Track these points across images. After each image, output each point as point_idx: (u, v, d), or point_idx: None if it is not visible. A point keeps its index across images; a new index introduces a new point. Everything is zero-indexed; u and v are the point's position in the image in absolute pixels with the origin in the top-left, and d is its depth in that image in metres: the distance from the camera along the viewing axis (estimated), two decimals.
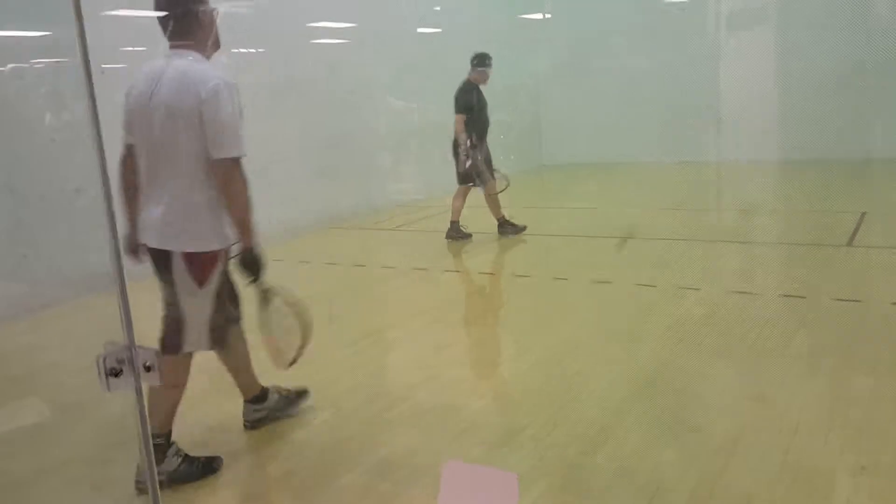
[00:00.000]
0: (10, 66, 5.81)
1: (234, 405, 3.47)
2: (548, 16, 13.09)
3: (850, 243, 6.28)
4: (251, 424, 3.42)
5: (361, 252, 7.69)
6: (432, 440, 3.27)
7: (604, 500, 2.75)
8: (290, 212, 7.72)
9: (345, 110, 8.87)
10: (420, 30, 10.65)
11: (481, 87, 7.17)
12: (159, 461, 2.92)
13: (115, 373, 1.40)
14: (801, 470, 2.78)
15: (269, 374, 3.39)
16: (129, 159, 2.99)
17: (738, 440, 3.05)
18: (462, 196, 7.34)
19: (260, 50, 8.08)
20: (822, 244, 6.45)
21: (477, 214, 7.49)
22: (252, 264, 2.96)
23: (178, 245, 2.85)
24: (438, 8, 10.93)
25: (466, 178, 7.16)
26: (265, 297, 3.07)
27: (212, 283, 2.93)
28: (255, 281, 3.01)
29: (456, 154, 7.11)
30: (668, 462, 2.95)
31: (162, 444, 2.95)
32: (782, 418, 3.22)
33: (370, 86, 9.35)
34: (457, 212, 7.40)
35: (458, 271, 6.92)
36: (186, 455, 3.03)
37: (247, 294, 3.15)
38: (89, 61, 1.42)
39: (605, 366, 4.04)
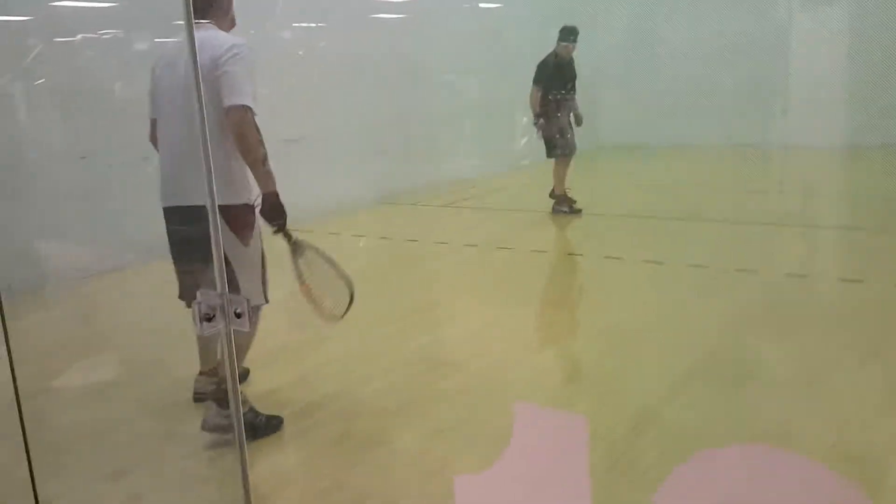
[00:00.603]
0: (80, 35, 6.00)
1: (300, 367, 3.57)
2: None
3: None
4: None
5: (415, 228, 7.77)
6: (483, 411, 3.33)
7: (649, 481, 2.78)
8: (347, 187, 7.83)
9: (403, 86, 8.91)
10: (481, 4, 10.61)
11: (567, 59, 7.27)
12: (226, 405, 2.98)
13: (209, 317, 1.53)
14: (851, 458, 2.76)
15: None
16: (154, 133, 3.20)
17: (789, 425, 3.03)
18: (558, 168, 7.41)
19: (321, 24, 8.17)
20: (884, 230, 6.29)
21: (528, 191, 7.47)
22: (274, 210, 3.02)
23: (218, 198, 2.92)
24: None
25: (551, 149, 7.31)
26: (295, 248, 3.13)
27: (254, 238, 3.05)
28: (280, 227, 3.07)
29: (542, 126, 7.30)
30: (717, 446, 2.95)
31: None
32: (838, 407, 3.19)
33: (429, 61, 9.37)
34: (558, 185, 7.46)
35: (510, 248, 6.95)
36: (252, 407, 3.17)
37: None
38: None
39: (657, 347, 4.04)
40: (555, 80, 7.23)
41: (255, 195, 3.06)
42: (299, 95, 6.95)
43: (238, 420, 1.92)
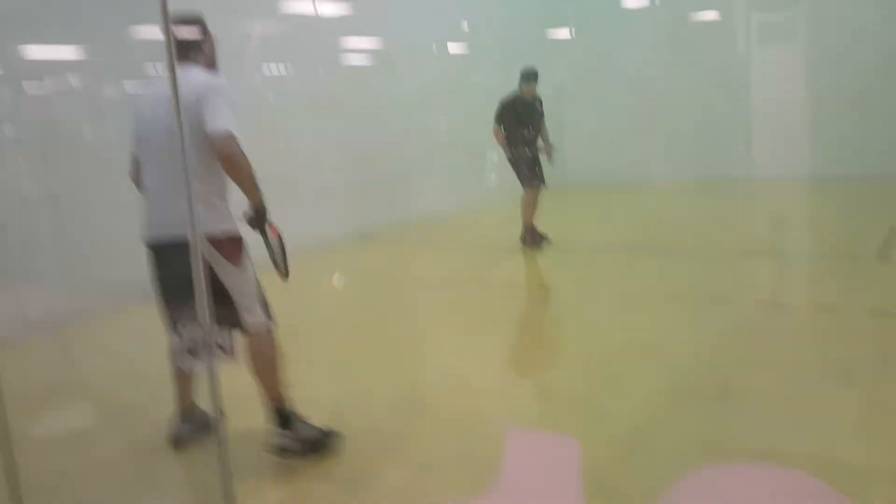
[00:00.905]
0: (49, 82, 5.99)
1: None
2: (573, 32, 13.14)
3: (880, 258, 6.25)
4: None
5: (390, 265, 7.77)
6: (468, 444, 3.30)
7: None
8: (322, 225, 7.83)
9: (374, 127, 8.99)
10: (450, 49, 10.80)
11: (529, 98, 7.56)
12: (288, 425, 3.19)
13: (192, 351, 1.50)
14: (838, 480, 2.78)
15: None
16: (136, 171, 3.26)
17: (772, 453, 3.05)
18: (527, 201, 7.62)
19: (290, 68, 8.25)
20: (853, 258, 6.42)
21: (502, 226, 7.53)
22: (257, 216, 3.10)
23: (204, 228, 2.95)
24: (465, 25, 11.06)
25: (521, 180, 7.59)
26: (266, 239, 3.20)
27: (246, 260, 3.12)
28: (257, 229, 3.14)
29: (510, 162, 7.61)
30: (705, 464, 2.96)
31: (283, 407, 3.20)
32: (819, 432, 3.22)
33: (399, 102, 9.48)
34: (526, 217, 7.65)
35: (485, 283, 6.97)
36: (310, 424, 3.26)
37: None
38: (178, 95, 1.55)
39: (637, 375, 4.06)
40: (516, 118, 7.50)
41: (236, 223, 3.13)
42: (270, 137, 6.97)
43: (222, 458, 1.89)
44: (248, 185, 3.02)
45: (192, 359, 1.60)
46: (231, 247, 3.07)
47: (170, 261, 3.06)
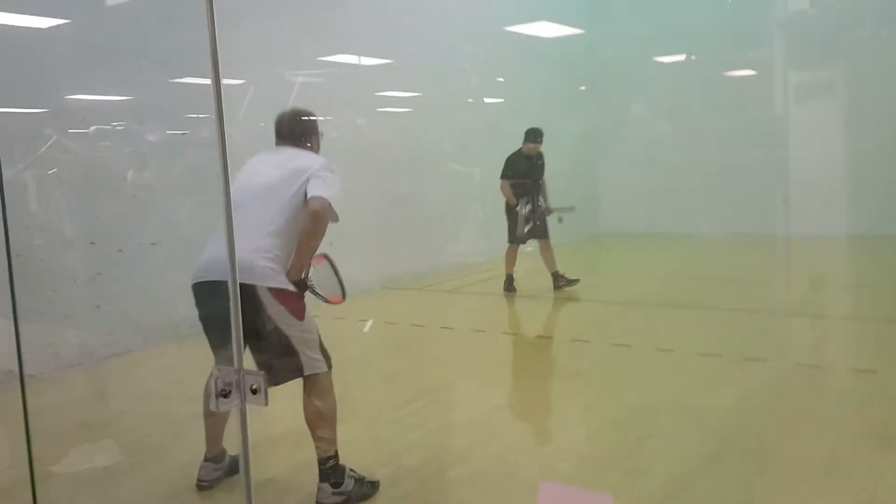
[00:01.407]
0: (93, 127, 6.18)
1: (303, 452, 3.50)
2: (608, 85, 13.23)
3: None
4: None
5: (421, 312, 7.76)
6: (501, 497, 3.24)
7: None
8: (353, 271, 7.84)
9: (409, 174, 9.09)
10: (485, 100, 10.95)
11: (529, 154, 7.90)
12: (339, 483, 3.20)
13: (225, 393, 1.50)
14: None
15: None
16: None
17: None
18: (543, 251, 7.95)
19: (328, 118, 8.42)
20: (890, 318, 6.26)
21: (533, 275, 7.50)
22: (299, 286, 3.23)
23: (270, 281, 3.10)
24: (501, 79, 11.21)
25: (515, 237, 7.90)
26: (310, 287, 3.28)
27: (308, 313, 3.24)
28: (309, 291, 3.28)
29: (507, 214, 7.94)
30: None
31: (336, 464, 3.21)
32: (856, 495, 3.10)
33: (433, 151, 9.59)
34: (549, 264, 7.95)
35: (515, 334, 6.92)
36: (354, 474, 3.28)
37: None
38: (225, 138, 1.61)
39: (668, 436, 3.96)
40: (520, 174, 7.88)
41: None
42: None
43: (249, 502, 1.87)
44: (307, 252, 3.20)
45: (224, 401, 1.60)
46: (297, 303, 3.18)
47: (212, 301, 3.12)
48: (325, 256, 3.39)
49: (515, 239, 7.89)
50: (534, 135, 7.88)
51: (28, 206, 5.79)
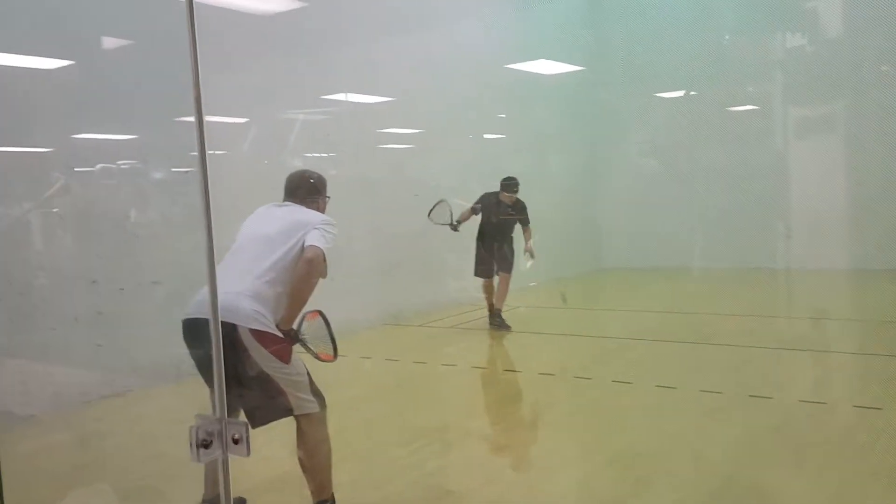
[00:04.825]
0: (99, 165, 6.23)
1: (302, 495, 3.46)
2: (608, 119, 13.31)
3: None
4: None
5: (421, 349, 7.72)
6: None
7: None
8: (353, 308, 7.85)
9: (409, 210, 9.12)
10: (485, 136, 11.02)
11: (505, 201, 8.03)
12: None
13: (206, 444, 1.48)
14: None
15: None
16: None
17: None
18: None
19: (331, 154, 8.48)
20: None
21: (535, 312, 7.47)
22: (290, 336, 3.26)
23: (255, 324, 3.12)
24: (503, 115, 11.31)
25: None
26: (302, 342, 3.30)
27: (294, 354, 3.24)
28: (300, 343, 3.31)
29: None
30: None
31: None
32: None
33: (434, 187, 9.62)
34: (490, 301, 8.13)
35: (517, 371, 6.87)
36: None
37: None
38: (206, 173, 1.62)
39: (670, 474, 3.91)
40: (492, 214, 8.06)
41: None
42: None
43: None
44: (298, 301, 3.23)
45: (205, 452, 1.57)
46: (281, 346, 3.18)
47: (196, 341, 3.14)
48: (320, 313, 3.38)
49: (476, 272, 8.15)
50: (506, 186, 8.00)
51: (31, 245, 5.82)
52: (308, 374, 3.28)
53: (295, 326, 3.24)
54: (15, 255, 5.61)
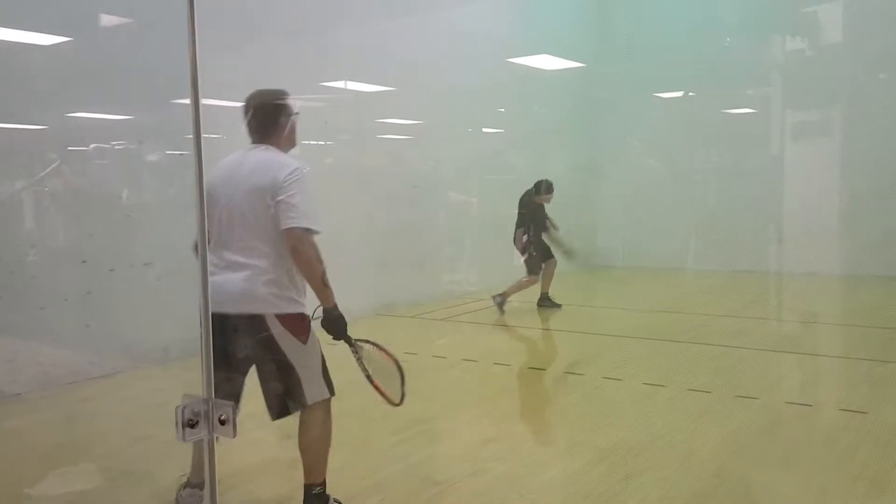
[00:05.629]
0: (92, 145, 6.19)
1: (289, 482, 3.45)
2: (606, 119, 13.30)
3: None
4: None
5: (414, 340, 7.71)
6: None
7: None
8: (345, 295, 7.82)
9: (406, 201, 9.10)
10: (484, 129, 11.00)
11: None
12: None
13: (192, 424, 1.46)
14: None
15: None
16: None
17: None
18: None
19: (329, 143, 8.44)
20: (886, 360, 6.23)
21: (528, 307, 7.45)
22: (333, 324, 3.17)
23: (272, 308, 3.03)
24: (502, 109, 11.28)
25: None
26: (355, 350, 3.29)
27: (312, 336, 3.15)
28: (338, 338, 3.21)
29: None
30: None
31: (322, 493, 3.17)
32: None
33: (432, 180, 9.61)
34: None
35: (507, 365, 6.87)
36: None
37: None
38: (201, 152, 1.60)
39: (657, 471, 3.92)
40: (536, 215, 8.60)
41: (305, 299, 3.18)
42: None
43: None
44: (316, 284, 3.09)
45: (191, 431, 1.56)
46: (297, 323, 3.10)
47: (239, 328, 3.06)
48: (397, 363, 3.37)
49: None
50: (550, 188, 8.50)
51: (22, 223, 5.78)
52: (323, 357, 3.21)
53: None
54: (4, 233, 5.57)
